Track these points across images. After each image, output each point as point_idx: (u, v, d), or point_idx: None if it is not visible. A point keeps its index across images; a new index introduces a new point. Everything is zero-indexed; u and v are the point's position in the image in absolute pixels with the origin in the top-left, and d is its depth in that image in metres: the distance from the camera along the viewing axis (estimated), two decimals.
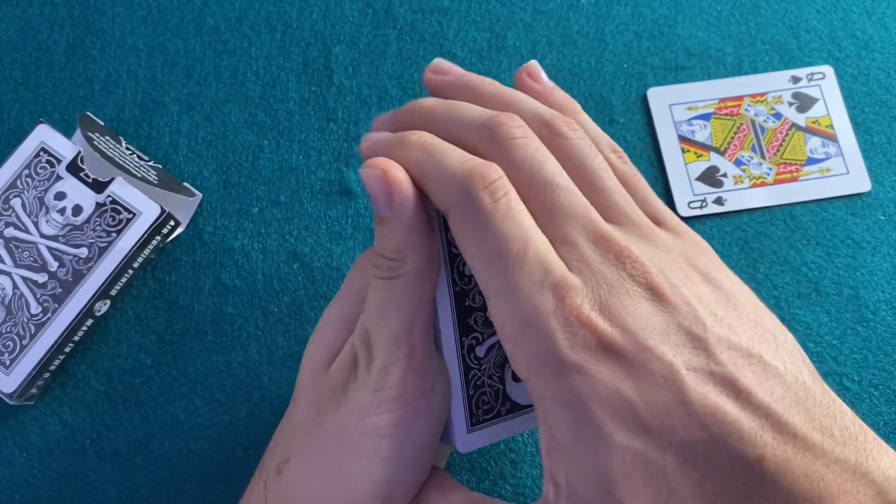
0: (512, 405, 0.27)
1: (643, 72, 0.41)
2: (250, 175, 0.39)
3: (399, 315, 0.24)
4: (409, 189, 0.23)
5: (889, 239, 0.39)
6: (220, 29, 0.42)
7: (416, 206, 0.23)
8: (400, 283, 0.24)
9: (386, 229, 0.24)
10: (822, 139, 0.40)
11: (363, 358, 0.25)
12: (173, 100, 0.40)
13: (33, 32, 0.42)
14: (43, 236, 0.35)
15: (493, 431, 0.27)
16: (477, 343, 0.26)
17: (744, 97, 0.41)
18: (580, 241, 0.22)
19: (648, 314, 0.21)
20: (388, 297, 0.24)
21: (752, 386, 0.20)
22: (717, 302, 0.22)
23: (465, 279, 0.26)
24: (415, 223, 0.23)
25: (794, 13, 0.43)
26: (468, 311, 0.26)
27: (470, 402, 0.26)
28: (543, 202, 0.23)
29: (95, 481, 0.35)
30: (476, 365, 0.26)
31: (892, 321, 0.37)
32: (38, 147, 0.36)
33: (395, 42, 0.42)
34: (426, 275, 0.24)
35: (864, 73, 0.42)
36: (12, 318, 0.34)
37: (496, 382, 0.27)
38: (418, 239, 0.24)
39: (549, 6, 0.43)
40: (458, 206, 0.22)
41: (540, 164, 0.23)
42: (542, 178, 0.23)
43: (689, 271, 0.22)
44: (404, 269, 0.24)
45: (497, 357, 0.27)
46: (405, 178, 0.23)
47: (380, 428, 0.24)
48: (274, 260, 0.38)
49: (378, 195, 0.23)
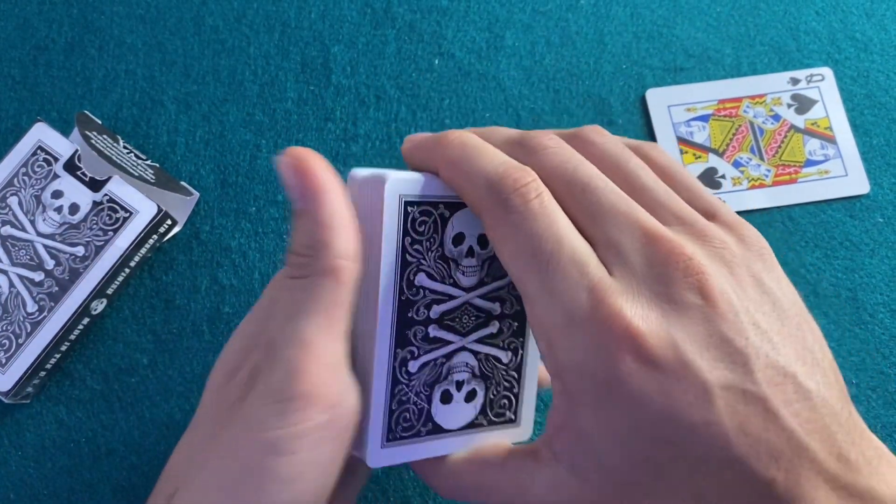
0: (434, 427, 0.26)
1: (642, 73, 0.41)
2: (248, 174, 0.39)
3: (309, 318, 0.22)
4: (326, 181, 0.22)
5: (887, 241, 0.38)
6: (219, 28, 0.42)
7: (333, 199, 0.22)
8: (310, 282, 0.22)
9: (299, 222, 0.22)
10: (820, 141, 0.40)
11: (265, 366, 0.22)
12: (171, 99, 0.40)
13: (31, 31, 0.42)
14: (40, 235, 0.35)
15: (408, 450, 0.25)
16: (412, 357, 0.25)
17: (743, 99, 0.41)
18: (625, 241, 0.21)
19: (691, 322, 0.20)
20: (296, 297, 0.22)
21: (781, 407, 0.20)
22: (764, 312, 0.21)
23: (413, 289, 0.24)
24: (330, 218, 0.22)
25: (793, 15, 0.43)
26: (409, 322, 0.24)
27: (391, 416, 0.25)
28: (583, 205, 0.22)
29: (91, 480, 0.35)
30: (405, 380, 0.25)
31: (890, 324, 0.37)
32: (36, 145, 0.36)
33: (393, 42, 0.42)
34: (342, 276, 0.22)
35: (863, 75, 0.41)
36: (8, 317, 0.34)
37: (422, 401, 0.25)
38: (334, 235, 0.22)
39: (547, 6, 0.43)
40: (491, 207, 0.22)
41: (575, 167, 0.23)
42: (580, 180, 0.22)
43: (743, 274, 0.22)
44: (316, 266, 0.22)
45: (430, 376, 0.25)
46: (322, 169, 0.22)
47: (279, 445, 0.21)
48: (271, 259, 0.38)
49: (292, 184, 0.22)
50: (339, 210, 0.22)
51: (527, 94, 0.41)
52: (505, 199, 0.22)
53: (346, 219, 0.22)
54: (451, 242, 0.25)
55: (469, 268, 0.26)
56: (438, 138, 0.24)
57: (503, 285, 0.26)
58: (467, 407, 0.26)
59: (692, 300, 0.20)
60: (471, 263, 0.26)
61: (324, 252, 0.22)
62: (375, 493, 0.34)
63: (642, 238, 0.21)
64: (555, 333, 0.21)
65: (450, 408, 0.26)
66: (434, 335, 0.25)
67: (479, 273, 0.26)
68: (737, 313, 0.20)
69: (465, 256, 0.26)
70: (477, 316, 0.26)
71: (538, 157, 0.23)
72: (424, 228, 0.25)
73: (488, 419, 0.27)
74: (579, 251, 0.21)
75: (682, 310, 0.20)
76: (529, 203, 0.22)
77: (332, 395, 0.22)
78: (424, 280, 0.25)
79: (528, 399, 0.28)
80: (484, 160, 0.23)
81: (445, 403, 0.26)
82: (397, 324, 0.24)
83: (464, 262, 0.26)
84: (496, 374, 0.27)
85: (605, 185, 0.22)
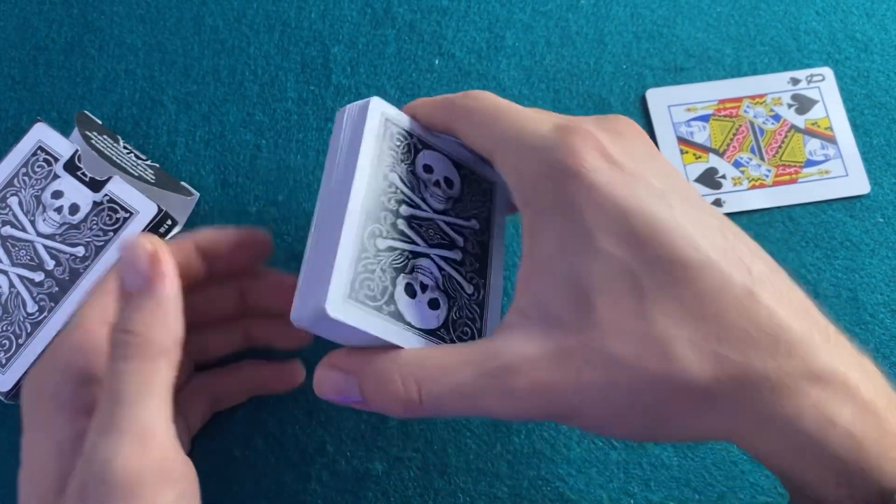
0: (396, 311, 0.26)
1: (642, 73, 0.41)
2: (248, 175, 0.39)
3: (145, 403, 0.22)
4: (173, 267, 0.24)
5: (888, 241, 0.38)
6: (219, 28, 0.42)
7: (174, 282, 0.24)
8: (143, 364, 0.23)
9: (137, 303, 0.23)
10: (821, 141, 0.40)
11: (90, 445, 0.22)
12: (171, 99, 0.40)
13: (31, 31, 0.42)
14: (40, 235, 0.35)
15: (366, 318, 0.25)
16: (380, 235, 0.26)
17: (743, 99, 0.41)
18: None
19: (637, 143, 0.24)
20: (130, 381, 0.22)
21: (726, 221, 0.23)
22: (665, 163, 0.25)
23: (386, 181, 0.27)
24: (170, 299, 0.24)
25: (793, 15, 0.43)
26: (381, 205, 0.27)
27: (355, 276, 0.25)
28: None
29: None
30: (372, 251, 0.26)
31: (890, 324, 0.37)
32: (36, 145, 0.36)
33: (393, 42, 0.42)
34: (171, 357, 0.23)
35: (863, 75, 0.41)
36: (8, 317, 0.34)
37: (387, 281, 0.26)
38: (169, 317, 0.23)
39: (548, 6, 0.43)
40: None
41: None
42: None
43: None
44: (148, 347, 0.23)
45: (396, 262, 0.27)
46: (170, 257, 0.24)
47: None
48: (271, 260, 0.38)
49: (137, 268, 0.23)
50: (177, 296, 0.24)
51: (527, 94, 0.41)
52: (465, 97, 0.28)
53: (178, 305, 0.24)
54: (422, 169, 0.29)
55: (436, 194, 0.29)
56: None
57: (467, 225, 0.29)
58: (430, 313, 0.27)
59: (634, 136, 0.25)
60: (438, 192, 0.29)
61: (160, 334, 0.23)
62: (376, 493, 0.34)
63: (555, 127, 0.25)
64: (523, 156, 0.24)
65: (413, 304, 0.26)
66: (401, 228, 0.27)
67: (444, 203, 0.29)
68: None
69: (432, 185, 0.29)
70: (442, 236, 0.29)
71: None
72: (400, 146, 0.29)
73: (451, 337, 0.27)
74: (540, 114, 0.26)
75: (628, 139, 0.25)
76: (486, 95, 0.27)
77: (168, 479, 0.23)
78: (396, 180, 0.28)
79: (488, 336, 0.28)
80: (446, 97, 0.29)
81: (410, 296, 0.27)
82: (370, 200, 0.27)
83: (431, 187, 0.29)
84: (459, 297, 0.28)
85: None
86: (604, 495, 0.34)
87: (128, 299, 0.23)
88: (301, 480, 0.34)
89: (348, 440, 0.35)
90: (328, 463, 0.34)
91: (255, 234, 0.30)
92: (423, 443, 0.35)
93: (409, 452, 0.35)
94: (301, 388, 0.35)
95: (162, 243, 0.24)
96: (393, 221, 0.27)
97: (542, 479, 0.34)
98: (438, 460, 0.34)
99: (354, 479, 0.34)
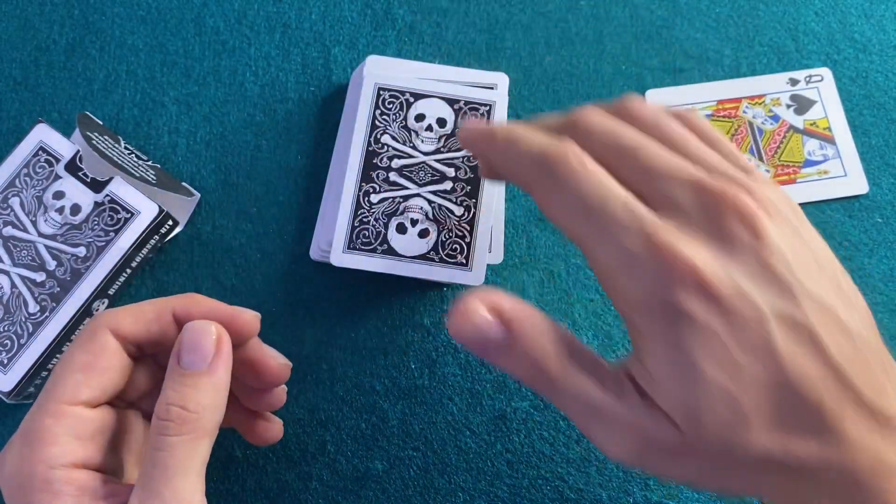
0: (388, 248, 0.34)
1: (641, 74, 0.41)
2: (249, 175, 0.39)
3: (187, 477, 0.24)
4: (229, 350, 0.26)
5: (886, 241, 0.39)
6: (220, 29, 0.42)
7: (230, 369, 0.26)
8: (192, 440, 0.24)
9: (195, 382, 0.25)
10: (819, 141, 0.40)
11: None
12: (172, 100, 0.41)
13: (33, 32, 0.42)
14: (41, 235, 0.35)
15: (364, 260, 0.34)
16: (374, 192, 0.34)
17: (742, 99, 0.41)
18: (675, 191, 0.22)
19: (743, 257, 0.21)
20: (177, 455, 0.24)
21: (825, 337, 0.21)
22: (804, 255, 0.22)
23: (379, 144, 0.35)
24: (224, 383, 0.26)
25: (792, 15, 0.43)
26: (374, 167, 0.35)
27: (352, 231, 0.34)
28: (633, 166, 0.23)
29: None
30: (367, 207, 0.34)
31: (889, 323, 0.37)
32: (37, 146, 0.36)
33: (394, 43, 0.42)
34: (213, 437, 0.25)
35: (861, 75, 0.42)
36: (10, 317, 0.34)
37: (380, 227, 0.34)
38: (221, 398, 0.25)
39: (547, 8, 0.43)
40: (540, 181, 0.23)
41: (620, 134, 0.24)
42: (627, 145, 0.24)
43: (783, 224, 0.23)
44: (201, 425, 0.25)
45: (388, 209, 0.34)
46: (229, 346, 0.26)
47: None
48: (272, 260, 0.38)
49: (202, 352, 0.25)
50: (228, 381, 0.26)
51: (527, 95, 0.41)
52: (550, 171, 0.23)
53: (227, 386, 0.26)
54: (414, 119, 0.35)
55: (428, 138, 0.35)
56: (487, 136, 0.26)
57: (458, 156, 0.35)
58: (420, 241, 0.34)
59: (743, 237, 0.21)
60: (429, 136, 0.35)
61: (212, 413, 0.25)
62: (376, 493, 0.34)
63: (692, 187, 0.22)
64: (616, 276, 0.22)
65: (405, 238, 0.34)
66: (393, 180, 0.34)
67: (436, 143, 0.35)
68: (782, 251, 0.21)
69: (424, 130, 0.35)
70: (433, 174, 0.35)
71: (583, 130, 0.24)
72: (392, 106, 0.35)
73: (440, 257, 0.34)
74: (629, 200, 0.22)
75: (733, 246, 0.21)
76: (572, 168, 0.23)
77: None
78: (388, 140, 0.35)
79: (479, 249, 0.34)
80: (527, 143, 0.24)
81: (401, 233, 0.34)
82: (364, 166, 0.34)
83: (423, 133, 0.35)
84: (448, 221, 0.34)
85: (651, 144, 0.23)
86: (603, 494, 0.34)
87: (183, 377, 0.25)
88: (302, 479, 0.34)
89: (349, 439, 0.35)
90: (329, 462, 0.34)
91: (242, 314, 0.29)
92: (424, 442, 0.35)
93: (410, 452, 0.35)
94: (301, 388, 0.35)
95: (223, 330, 0.26)
96: (385, 177, 0.34)
97: (542, 479, 0.34)
98: (438, 459, 0.35)
99: (355, 479, 0.34)
